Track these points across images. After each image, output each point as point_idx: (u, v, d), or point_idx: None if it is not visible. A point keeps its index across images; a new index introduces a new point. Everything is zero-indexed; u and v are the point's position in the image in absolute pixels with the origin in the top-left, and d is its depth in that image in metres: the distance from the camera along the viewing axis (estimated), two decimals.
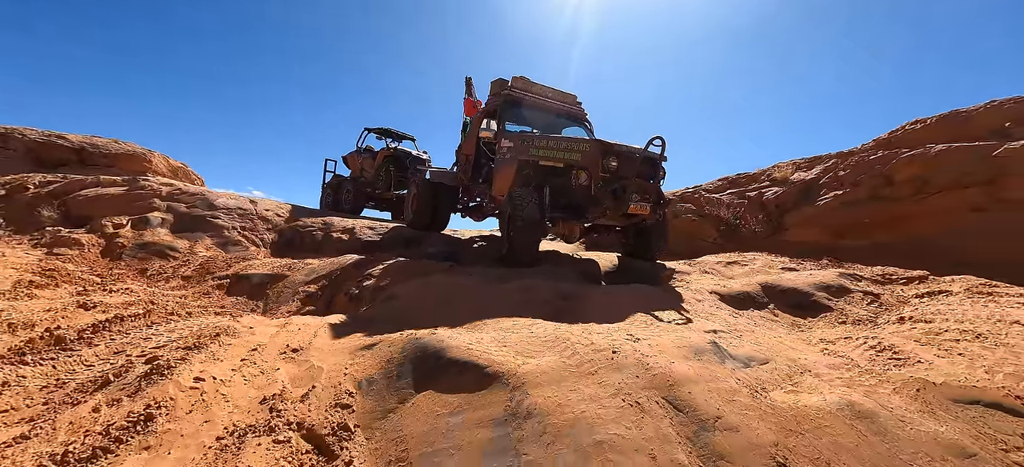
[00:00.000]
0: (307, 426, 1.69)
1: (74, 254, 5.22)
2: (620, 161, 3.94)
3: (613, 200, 3.88)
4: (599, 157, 3.91)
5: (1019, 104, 5.09)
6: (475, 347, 2.05)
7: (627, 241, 4.87)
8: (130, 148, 13.59)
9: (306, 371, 2.05)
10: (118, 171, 12.53)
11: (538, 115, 5.35)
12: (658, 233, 4.58)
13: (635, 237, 4.71)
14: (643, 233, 4.60)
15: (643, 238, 4.63)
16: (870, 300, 3.58)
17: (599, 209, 3.93)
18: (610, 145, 3.97)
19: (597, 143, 4.01)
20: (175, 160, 14.94)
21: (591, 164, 3.95)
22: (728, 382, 1.76)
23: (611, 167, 3.91)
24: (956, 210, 4.74)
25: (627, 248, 4.92)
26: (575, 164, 4.04)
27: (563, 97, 5.56)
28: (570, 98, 5.62)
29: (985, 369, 1.80)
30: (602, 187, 3.89)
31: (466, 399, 1.74)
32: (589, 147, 4.04)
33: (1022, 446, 1.41)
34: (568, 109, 5.54)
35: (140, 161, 13.49)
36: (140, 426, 1.50)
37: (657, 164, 4.09)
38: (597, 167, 3.90)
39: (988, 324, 2.34)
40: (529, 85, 5.34)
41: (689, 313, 2.91)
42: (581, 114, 5.61)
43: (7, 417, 1.54)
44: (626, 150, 4.00)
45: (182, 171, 14.96)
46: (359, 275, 4.51)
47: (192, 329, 2.37)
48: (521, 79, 5.30)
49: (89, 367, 1.95)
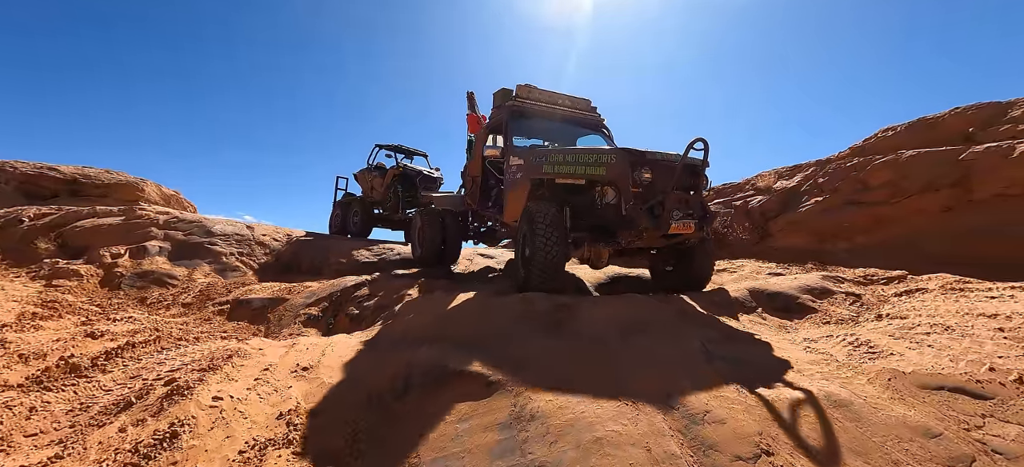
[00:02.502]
0: (323, 439, 1.78)
1: (73, 285, 5.24)
2: (655, 172, 3.37)
3: (650, 219, 3.27)
4: (629, 169, 3.34)
5: (981, 110, 5.41)
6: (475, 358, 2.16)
7: (664, 266, 4.17)
8: (123, 178, 13.60)
9: (318, 387, 2.14)
10: (111, 201, 12.51)
11: (549, 126, 4.87)
12: (703, 255, 3.87)
13: (676, 260, 4.03)
14: (685, 256, 3.91)
15: (685, 262, 3.92)
16: (852, 300, 3.75)
17: (633, 230, 3.34)
18: (641, 154, 3.39)
19: (625, 152, 3.41)
20: (168, 188, 14.94)
21: (619, 178, 3.38)
22: (715, 380, 1.89)
23: (644, 180, 3.35)
24: (929, 211, 4.98)
25: (665, 277, 4.18)
26: (599, 179, 3.51)
27: (575, 103, 5.00)
28: (583, 103, 5.05)
29: (950, 358, 1.95)
30: (635, 204, 3.31)
31: (472, 406, 1.85)
32: (615, 158, 3.44)
33: (982, 425, 1.55)
34: (582, 116, 4.97)
35: (133, 190, 13.49)
36: (167, 443, 1.59)
37: (700, 172, 3.47)
38: (627, 181, 3.33)
39: (956, 318, 2.51)
40: (536, 93, 4.82)
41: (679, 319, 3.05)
42: (597, 121, 5.02)
43: (38, 440, 1.62)
44: (662, 158, 3.43)
45: (175, 199, 14.95)
46: (360, 296, 4.61)
47: (203, 352, 2.46)
48: (526, 87, 4.79)
49: (108, 392, 2.03)
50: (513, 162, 4.33)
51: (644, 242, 3.59)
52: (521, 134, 4.72)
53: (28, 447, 1.59)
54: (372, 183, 8.71)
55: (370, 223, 8.71)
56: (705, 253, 3.89)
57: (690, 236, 3.44)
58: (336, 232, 9.08)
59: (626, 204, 3.35)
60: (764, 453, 1.49)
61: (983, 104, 5.45)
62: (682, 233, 3.34)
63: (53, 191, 12.51)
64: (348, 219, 8.91)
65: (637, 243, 3.59)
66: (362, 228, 8.60)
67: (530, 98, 4.80)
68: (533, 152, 4.26)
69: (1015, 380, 1.70)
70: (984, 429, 1.51)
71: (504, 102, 4.79)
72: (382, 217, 8.68)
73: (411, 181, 8.14)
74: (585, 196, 3.69)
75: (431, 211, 5.58)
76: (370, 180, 8.78)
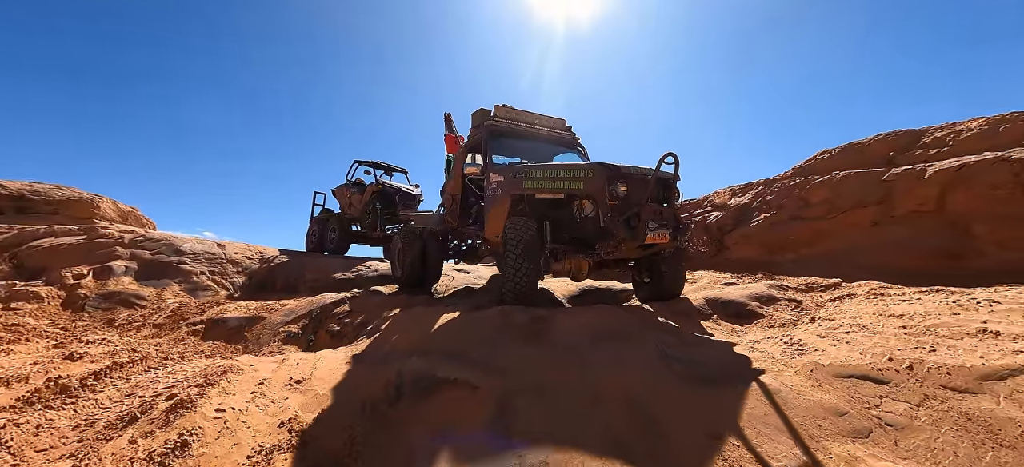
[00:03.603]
0: (323, 443, 1.95)
1: (33, 308, 5.05)
2: (630, 185, 3.54)
3: (627, 230, 3.42)
4: (606, 183, 3.50)
5: (900, 136, 6.16)
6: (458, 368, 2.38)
7: (642, 278, 4.35)
8: (75, 193, 12.92)
9: (313, 399, 2.29)
10: (63, 218, 11.85)
11: (526, 144, 5.01)
12: (676, 267, 4.09)
13: (649, 271, 4.22)
14: (659, 268, 4.11)
15: (659, 273, 4.11)
16: (793, 306, 4.20)
17: (611, 242, 3.49)
18: (617, 168, 3.56)
19: (602, 167, 3.58)
20: (125, 205, 14.28)
21: (597, 191, 3.55)
22: (670, 382, 2.19)
23: (620, 193, 3.51)
24: (860, 225, 5.60)
25: (642, 287, 4.38)
26: (578, 193, 3.66)
27: (551, 122, 5.22)
28: (559, 122, 5.27)
29: (860, 351, 2.34)
30: (612, 216, 3.47)
31: (456, 403, 2.07)
32: (593, 172, 3.60)
33: (879, 404, 1.91)
34: (558, 135, 5.18)
35: (87, 207, 12.83)
36: (178, 451, 1.72)
37: (671, 185, 3.67)
38: (604, 194, 3.50)
39: (871, 318, 2.95)
40: (513, 113, 5.01)
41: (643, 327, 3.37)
42: (572, 139, 5.23)
43: (50, 454, 1.71)
44: (636, 172, 3.61)
45: (133, 215, 14.30)
46: (339, 313, 4.70)
47: (196, 370, 2.55)
48: (504, 107, 4.98)
49: (106, 409, 2.11)
50: (493, 179, 4.43)
51: (622, 253, 3.68)
52: (500, 152, 4.84)
53: (41, 461, 1.67)
54: (350, 199, 8.64)
55: (348, 240, 8.62)
56: (677, 265, 4.10)
57: (665, 246, 3.60)
58: (313, 249, 8.96)
59: (604, 216, 3.50)
60: (711, 436, 1.79)
61: (902, 131, 6.22)
62: (658, 243, 3.48)
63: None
64: (325, 236, 8.79)
65: (615, 254, 3.68)
66: (340, 245, 8.52)
67: (508, 117, 4.98)
68: (513, 168, 4.33)
69: (907, 367, 2.08)
70: (880, 407, 1.87)
71: (483, 121, 4.95)
72: (360, 234, 8.60)
73: (390, 198, 8.12)
74: (564, 210, 3.82)
75: (411, 231, 5.60)
76: (348, 196, 8.71)
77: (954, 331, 2.42)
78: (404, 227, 5.78)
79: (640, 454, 1.70)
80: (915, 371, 2.04)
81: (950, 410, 1.78)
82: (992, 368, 1.94)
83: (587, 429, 1.85)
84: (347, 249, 8.70)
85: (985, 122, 5.50)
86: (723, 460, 1.65)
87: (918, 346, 2.29)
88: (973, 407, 1.76)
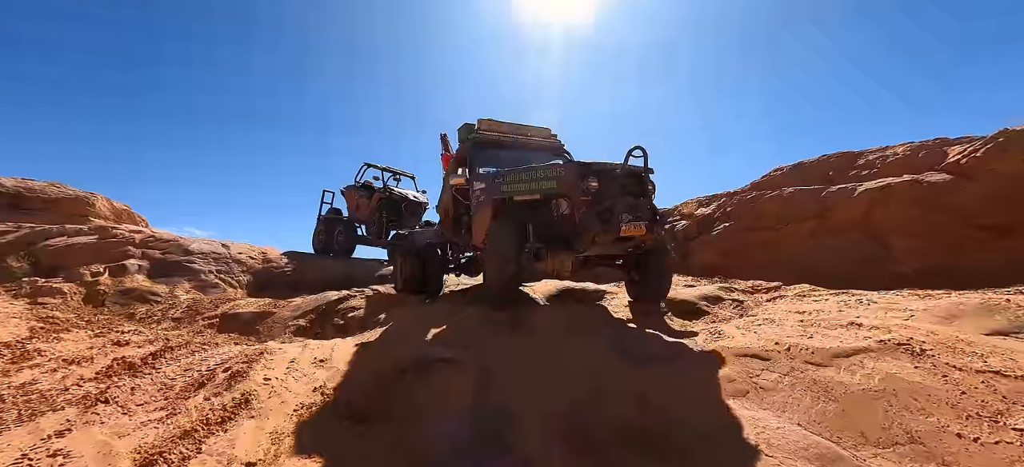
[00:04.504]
0: (347, 404, 2.56)
1: (57, 303, 5.51)
2: (601, 180, 3.66)
3: (601, 224, 3.53)
4: (577, 180, 3.63)
5: (840, 158, 7.00)
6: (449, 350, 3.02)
7: (632, 276, 4.49)
8: (70, 192, 13.15)
9: (335, 373, 2.91)
10: (59, 216, 12.11)
11: (511, 154, 5.14)
12: (660, 263, 4.23)
13: (637, 269, 4.34)
14: (646, 267, 4.25)
15: (646, 273, 4.25)
16: (735, 305, 4.93)
17: (588, 237, 3.59)
18: (587, 165, 3.68)
19: (572, 165, 3.74)
20: (118, 202, 14.50)
21: (570, 189, 3.68)
22: (617, 364, 2.86)
23: (592, 188, 3.62)
24: (802, 236, 6.40)
25: (633, 285, 4.52)
26: (552, 193, 3.81)
27: (536, 131, 5.41)
28: (543, 131, 5.45)
29: (760, 338, 3.04)
30: (586, 212, 3.59)
31: (449, 377, 2.71)
32: (564, 171, 3.76)
33: (759, 374, 2.60)
34: (542, 143, 5.35)
35: (82, 205, 13.06)
36: (243, 406, 2.32)
37: (643, 177, 3.82)
38: (577, 192, 3.63)
39: (781, 314, 3.67)
40: (496, 125, 5.18)
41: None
42: (557, 146, 5.41)
43: (148, 406, 2.29)
44: (606, 167, 3.72)
45: (126, 213, 14.53)
46: (343, 308, 5.29)
47: (235, 352, 3.14)
48: (487, 121, 5.15)
49: (174, 379, 2.69)
50: (477, 187, 4.63)
51: (601, 247, 3.79)
52: (488, 164, 4.98)
53: (143, 412, 2.25)
54: (358, 202, 8.69)
55: (354, 243, 8.69)
56: (662, 263, 4.25)
57: (644, 238, 3.72)
58: (320, 250, 9.04)
59: (578, 212, 3.62)
60: (636, 396, 2.46)
61: (842, 153, 7.06)
62: (635, 234, 3.60)
63: None
64: (332, 237, 8.85)
65: (595, 249, 3.78)
66: (346, 247, 8.62)
67: (491, 130, 5.16)
68: (492, 175, 4.49)
69: (786, 349, 2.78)
70: (759, 376, 2.57)
71: (467, 135, 5.15)
72: (366, 238, 8.69)
73: (396, 206, 8.17)
74: (543, 211, 3.92)
75: (408, 246, 5.69)
76: (356, 199, 8.76)
77: (832, 323, 3.14)
78: (402, 241, 5.89)
79: (588, 410, 2.37)
80: (791, 351, 2.75)
81: (805, 378, 2.48)
82: (841, 349, 2.66)
83: (547, 392, 2.50)
84: (354, 251, 8.80)
85: (909, 148, 6.35)
86: (644, 412, 2.33)
87: (802, 334, 3.01)
88: (821, 375, 2.47)
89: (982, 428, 1.93)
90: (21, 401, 2.36)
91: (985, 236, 5.19)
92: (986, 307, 2.96)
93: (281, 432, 2.18)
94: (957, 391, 2.16)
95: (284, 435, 2.17)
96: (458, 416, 2.39)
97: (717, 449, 2.10)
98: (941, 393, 2.16)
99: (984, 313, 2.90)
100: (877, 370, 2.40)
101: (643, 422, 2.31)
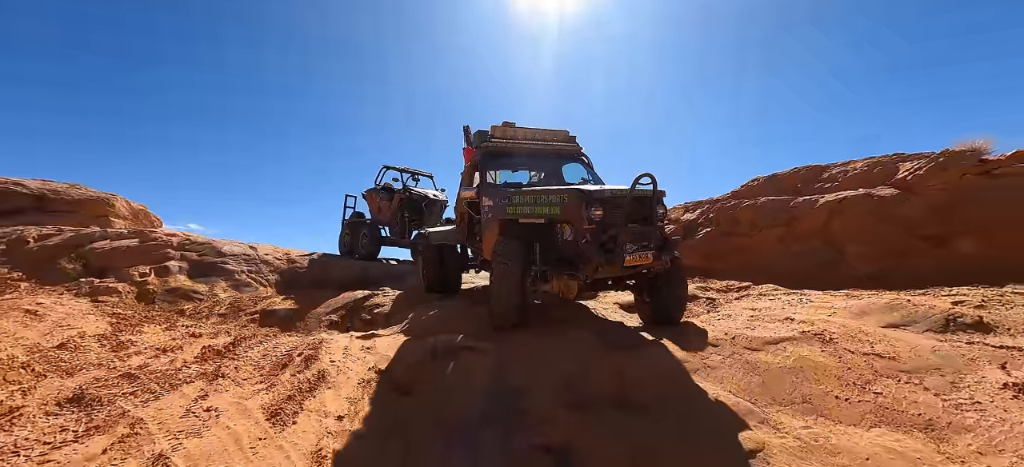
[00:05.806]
0: (396, 379, 3.35)
1: (114, 301, 6.24)
2: (605, 209, 3.60)
3: (603, 255, 3.50)
4: (581, 208, 3.58)
5: (809, 170, 7.81)
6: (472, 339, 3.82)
7: (642, 296, 4.32)
8: (92, 193, 13.84)
9: (381, 358, 3.69)
10: (81, 217, 12.83)
11: (527, 161, 5.09)
12: (674, 285, 4.02)
13: (649, 291, 4.18)
14: (658, 288, 4.06)
15: (658, 294, 4.06)
16: (708, 302, 5.75)
17: (590, 267, 3.53)
18: (590, 193, 3.64)
19: (575, 192, 3.67)
20: (136, 203, 15.19)
21: (573, 217, 3.62)
22: (601, 350, 3.66)
23: (595, 217, 3.57)
24: (773, 241, 7.22)
25: (644, 307, 4.33)
26: (556, 218, 3.76)
27: (553, 135, 5.26)
28: (561, 134, 5.31)
29: (713, 328, 3.84)
30: (589, 241, 3.55)
31: (472, 360, 3.50)
32: (568, 198, 3.69)
33: (709, 356, 3.40)
34: (559, 147, 5.21)
35: (103, 206, 13.76)
36: (321, 380, 3.10)
37: (651, 203, 3.74)
38: (581, 220, 3.57)
39: (738, 310, 4.48)
40: (511, 131, 5.05)
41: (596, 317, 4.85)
42: (575, 150, 5.28)
43: (251, 379, 3.06)
44: (609, 195, 3.66)
45: (143, 213, 15.23)
46: (369, 305, 6.06)
47: (299, 340, 3.92)
48: (502, 127, 5.02)
49: (261, 362, 3.47)
50: (485, 202, 4.66)
51: (606, 274, 3.69)
52: (504, 169, 5.03)
53: (247, 384, 3.03)
54: (379, 205, 9.01)
55: (378, 245, 8.93)
56: (675, 286, 4.04)
57: (652, 266, 3.65)
58: (346, 253, 9.41)
59: (581, 240, 3.57)
60: (616, 373, 3.25)
61: (810, 166, 7.87)
62: (641, 264, 3.56)
63: (18, 207, 12.64)
64: (357, 240, 9.14)
65: (599, 276, 3.68)
66: (370, 250, 8.87)
67: (505, 137, 5.04)
68: (499, 193, 4.48)
69: (732, 338, 3.58)
70: (709, 358, 3.37)
71: (479, 144, 5.04)
72: (390, 240, 8.97)
73: (417, 206, 8.51)
74: (549, 233, 3.93)
75: (429, 245, 5.85)
76: (377, 201, 9.07)
77: (773, 318, 3.95)
78: (423, 241, 6.04)
79: (581, 383, 3.16)
80: (735, 340, 3.55)
81: (742, 358, 3.29)
82: (773, 338, 3.47)
83: (550, 373, 3.29)
84: (378, 253, 9.05)
85: (866, 163, 7.17)
86: (623, 384, 3.13)
87: (748, 327, 3.81)
88: (753, 357, 3.28)
89: (853, 392, 2.74)
90: (154, 379, 3.14)
91: (925, 245, 6.02)
92: (890, 305, 3.77)
93: (353, 398, 2.97)
94: (845, 367, 2.97)
95: (356, 400, 2.96)
96: (482, 390, 3.18)
97: (674, 408, 2.90)
98: (834, 369, 2.98)
99: (887, 310, 3.72)
100: (794, 353, 3.21)
101: (622, 390, 3.11)
